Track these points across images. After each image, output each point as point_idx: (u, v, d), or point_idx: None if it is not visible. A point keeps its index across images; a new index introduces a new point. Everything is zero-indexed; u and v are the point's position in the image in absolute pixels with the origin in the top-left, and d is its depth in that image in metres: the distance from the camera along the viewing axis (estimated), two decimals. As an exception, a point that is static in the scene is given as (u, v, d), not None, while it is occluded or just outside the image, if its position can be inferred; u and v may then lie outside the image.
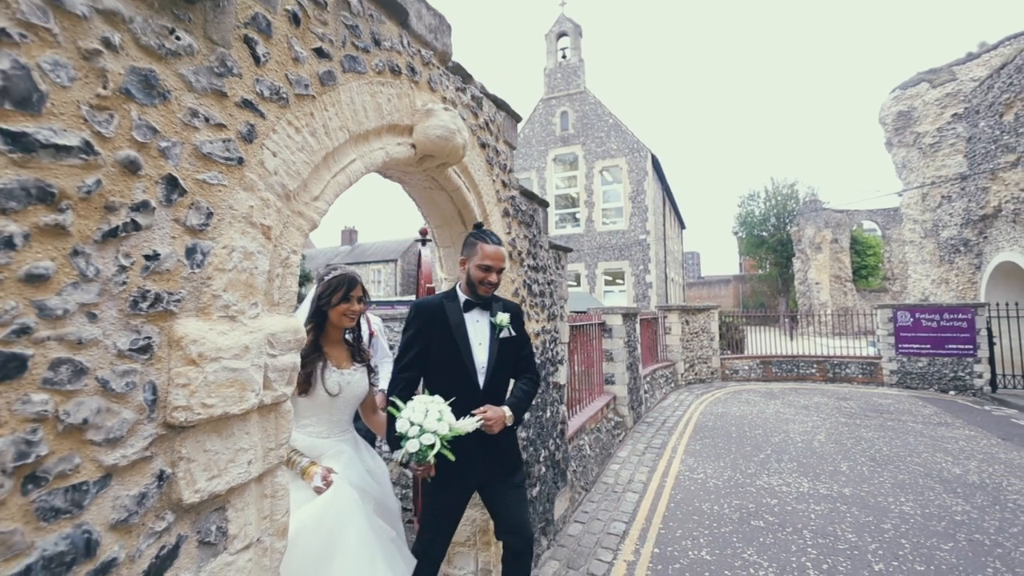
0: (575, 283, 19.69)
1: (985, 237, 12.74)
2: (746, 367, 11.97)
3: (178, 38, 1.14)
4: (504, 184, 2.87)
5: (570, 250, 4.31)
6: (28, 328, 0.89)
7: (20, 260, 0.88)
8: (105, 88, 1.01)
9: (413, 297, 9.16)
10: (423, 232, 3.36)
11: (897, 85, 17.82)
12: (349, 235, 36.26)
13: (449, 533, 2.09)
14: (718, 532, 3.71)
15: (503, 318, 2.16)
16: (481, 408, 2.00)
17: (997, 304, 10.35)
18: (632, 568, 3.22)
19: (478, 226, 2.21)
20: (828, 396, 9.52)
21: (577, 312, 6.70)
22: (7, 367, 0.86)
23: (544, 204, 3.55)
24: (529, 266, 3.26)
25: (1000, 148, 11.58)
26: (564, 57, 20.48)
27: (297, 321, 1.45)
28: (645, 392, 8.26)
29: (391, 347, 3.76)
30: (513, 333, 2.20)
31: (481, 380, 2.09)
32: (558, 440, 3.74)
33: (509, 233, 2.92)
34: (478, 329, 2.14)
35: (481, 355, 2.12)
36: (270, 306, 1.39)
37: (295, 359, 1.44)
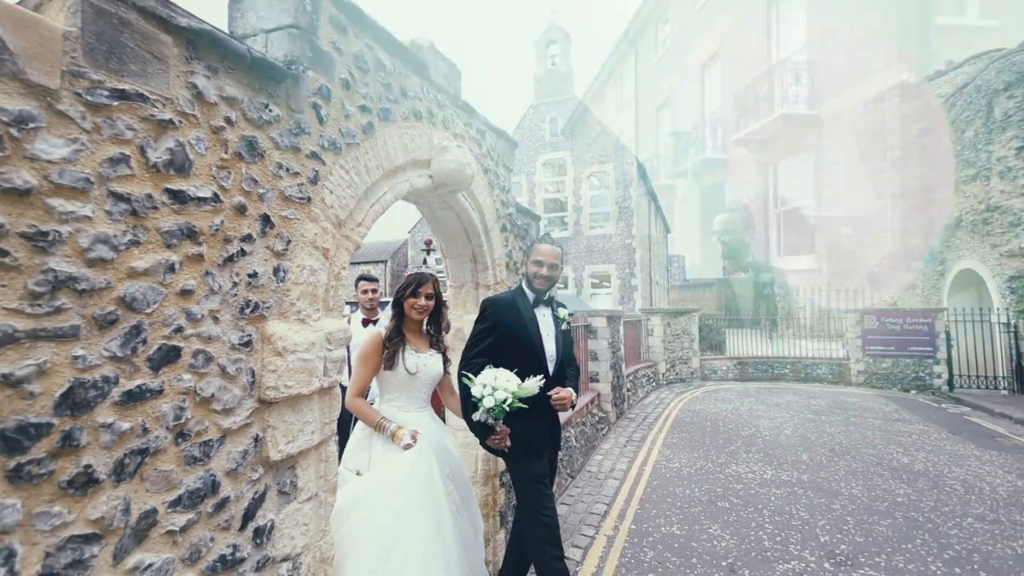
0: (563, 286, 20.16)
1: (948, 246, 13.54)
2: (724, 367, 12.54)
3: (270, 110, 1.52)
4: (503, 203, 3.27)
5: (559, 258, 4.72)
6: (181, 328, 1.26)
7: (177, 280, 1.25)
8: (226, 153, 1.38)
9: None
10: (428, 242, 3.74)
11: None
12: (338, 235, 36.23)
13: (551, 494, 2.37)
14: (688, 512, 4.16)
15: (564, 312, 2.56)
16: (554, 388, 2.35)
17: (955, 309, 11.06)
18: (612, 541, 3.65)
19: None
20: (799, 395, 10.10)
21: (564, 314, 7.11)
22: (170, 355, 1.23)
23: (536, 219, 3.96)
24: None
25: (962, 163, 12.35)
26: (553, 64, 20.95)
27: (345, 323, 1.83)
28: (628, 390, 8.73)
29: None
30: (569, 327, 2.62)
31: (551, 367, 2.47)
32: (547, 430, 4.14)
33: (507, 246, 3.32)
34: (545, 323, 2.51)
35: (550, 345, 2.49)
36: (327, 311, 1.77)
37: (344, 353, 1.82)
